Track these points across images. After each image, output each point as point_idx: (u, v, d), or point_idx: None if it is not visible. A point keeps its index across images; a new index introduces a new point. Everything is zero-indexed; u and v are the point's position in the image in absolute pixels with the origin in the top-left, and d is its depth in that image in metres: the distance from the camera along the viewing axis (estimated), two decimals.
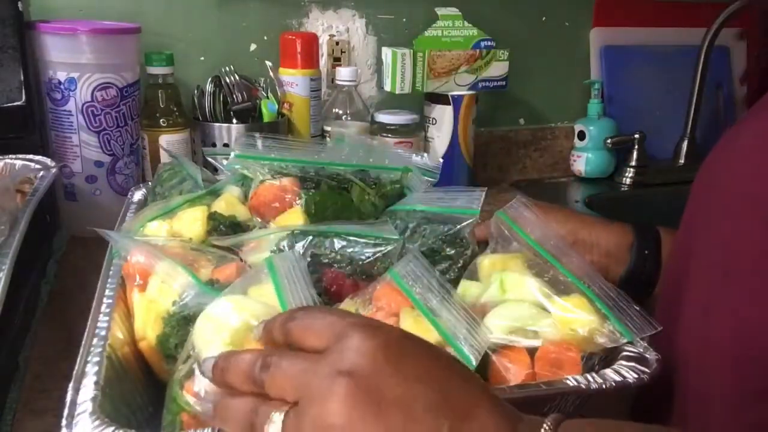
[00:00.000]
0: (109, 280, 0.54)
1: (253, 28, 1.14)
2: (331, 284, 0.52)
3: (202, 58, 1.12)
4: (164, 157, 0.96)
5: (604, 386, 0.43)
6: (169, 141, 0.97)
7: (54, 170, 0.77)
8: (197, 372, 0.39)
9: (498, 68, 1.17)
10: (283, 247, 0.54)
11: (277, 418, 0.33)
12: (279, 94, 1.06)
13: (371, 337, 0.33)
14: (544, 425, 0.32)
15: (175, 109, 0.98)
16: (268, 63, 1.08)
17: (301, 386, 0.33)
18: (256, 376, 0.35)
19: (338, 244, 0.53)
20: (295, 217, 0.60)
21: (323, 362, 0.33)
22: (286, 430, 0.33)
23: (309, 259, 0.53)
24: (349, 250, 0.53)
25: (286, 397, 0.34)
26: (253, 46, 1.15)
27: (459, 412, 0.32)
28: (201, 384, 0.38)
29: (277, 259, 0.48)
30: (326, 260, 0.53)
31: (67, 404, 0.40)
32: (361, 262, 0.52)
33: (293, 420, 0.33)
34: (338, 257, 0.53)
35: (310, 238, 0.54)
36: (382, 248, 0.53)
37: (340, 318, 0.35)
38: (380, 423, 0.31)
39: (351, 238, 0.53)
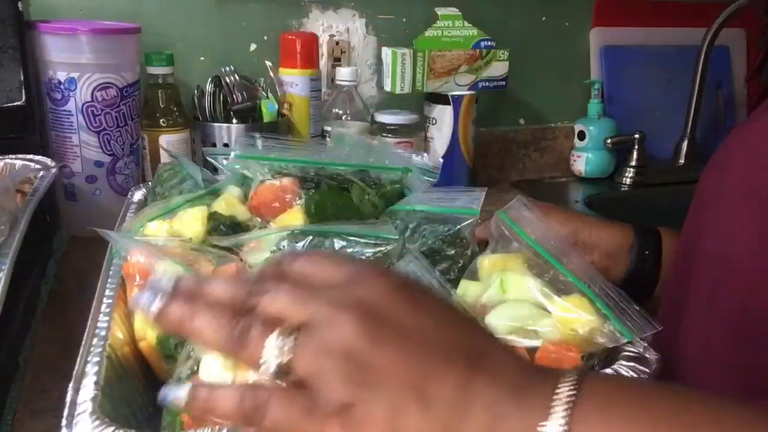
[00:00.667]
0: (109, 280, 0.54)
1: (253, 28, 1.14)
2: None
3: (202, 58, 1.12)
4: (164, 157, 0.96)
5: None
6: (169, 141, 0.97)
7: (54, 170, 0.77)
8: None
9: (498, 68, 1.17)
10: (283, 247, 0.54)
11: (275, 339, 0.31)
12: (279, 94, 1.06)
13: (384, 274, 0.33)
14: (562, 386, 0.30)
15: (175, 109, 0.98)
16: (268, 63, 1.08)
17: (310, 310, 0.31)
18: (247, 298, 0.32)
19: (338, 244, 0.53)
20: (295, 217, 0.60)
21: (333, 290, 0.32)
22: (300, 350, 0.30)
23: None
24: (349, 250, 0.53)
25: (290, 318, 0.31)
26: (253, 46, 1.15)
27: (474, 347, 0.31)
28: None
29: None
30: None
31: (67, 404, 0.40)
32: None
33: (306, 340, 0.30)
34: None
35: (310, 238, 0.54)
36: (382, 248, 0.53)
37: (350, 259, 0.35)
38: (397, 348, 0.30)
39: (351, 238, 0.53)
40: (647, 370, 0.45)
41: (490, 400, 0.29)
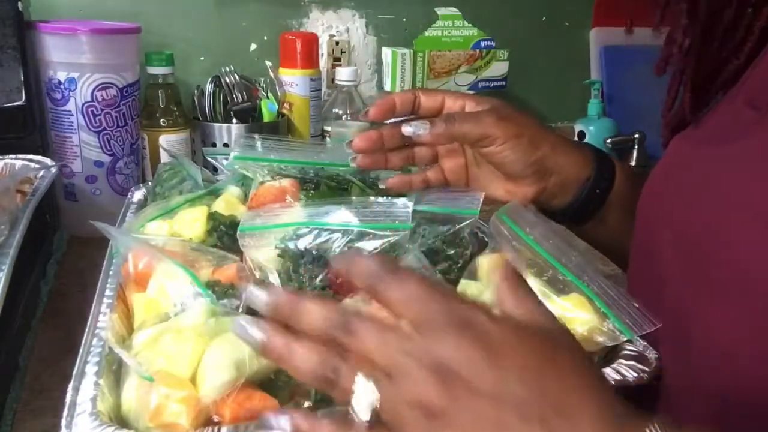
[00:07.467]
0: (109, 280, 0.54)
1: (253, 28, 1.14)
2: (337, 276, 0.52)
3: (202, 58, 1.12)
4: (164, 157, 0.96)
5: None
6: (169, 141, 0.97)
7: (54, 170, 0.77)
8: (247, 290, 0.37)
9: (498, 68, 1.17)
10: (292, 239, 0.54)
11: (364, 382, 0.33)
12: (279, 94, 1.06)
13: (471, 322, 0.33)
14: None
15: (175, 109, 0.98)
16: (268, 63, 1.08)
17: (394, 360, 0.33)
18: (336, 334, 0.34)
19: (345, 237, 0.53)
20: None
21: (418, 341, 0.33)
22: (383, 397, 0.33)
23: (315, 252, 0.53)
24: (357, 244, 0.53)
25: (374, 361, 0.33)
26: (253, 46, 1.15)
27: (551, 403, 0.31)
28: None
29: None
30: (333, 254, 0.53)
31: (67, 404, 0.40)
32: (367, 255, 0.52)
33: (389, 390, 0.33)
34: (345, 249, 0.53)
35: (316, 232, 0.54)
36: (389, 238, 0.53)
37: (442, 296, 0.34)
38: (473, 413, 0.31)
39: (356, 230, 0.53)
40: (647, 368, 0.45)
41: None
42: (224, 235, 0.59)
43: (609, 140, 1.28)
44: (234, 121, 1.00)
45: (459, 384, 0.31)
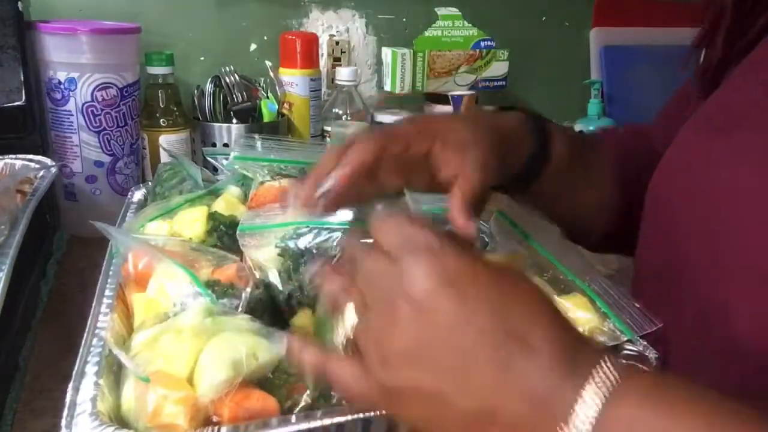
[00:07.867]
0: (109, 280, 0.54)
1: (253, 28, 1.14)
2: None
3: (202, 58, 1.12)
4: (164, 157, 0.96)
5: None
6: (169, 141, 0.97)
7: (54, 170, 0.77)
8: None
9: (498, 68, 1.17)
10: (292, 238, 0.54)
11: (350, 310, 0.39)
12: (279, 94, 1.06)
13: (438, 257, 0.34)
14: (604, 370, 0.31)
15: (175, 109, 0.98)
16: (268, 63, 1.08)
17: (373, 290, 0.36)
18: (352, 265, 0.38)
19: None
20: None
21: (392, 273, 0.35)
22: (357, 326, 0.37)
23: (315, 251, 0.53)
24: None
25: (363, 293, 0.37)
26: (253, 46, 1.15)
27: (515, 340, 0.32)
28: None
29: None
30: (333, 253, 0.53)
31: (67, 404, 0.40)
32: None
33: (362, 324, 0.37)
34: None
35: (316, 231, 0.54)
36: None
37: (417, 229, 0.36)
38: (434, 347, 0.33)
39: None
40: (647, 369, 0.45)
41: (527, 387, 0.31)
42: (224, 235, 0.59)
43: None
44: (234, 121, 1.00)
45: (423, 315, 0.33)
